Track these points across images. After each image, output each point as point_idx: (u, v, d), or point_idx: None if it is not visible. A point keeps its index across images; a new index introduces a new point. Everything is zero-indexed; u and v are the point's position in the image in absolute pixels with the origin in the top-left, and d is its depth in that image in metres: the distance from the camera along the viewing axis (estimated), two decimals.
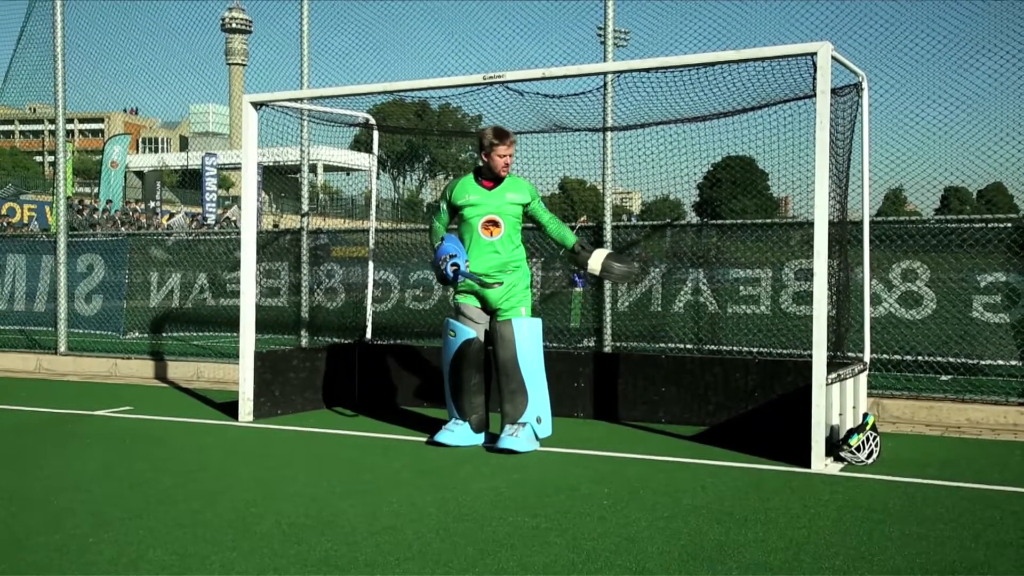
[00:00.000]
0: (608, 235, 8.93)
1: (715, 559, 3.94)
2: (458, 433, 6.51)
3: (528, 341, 6.42)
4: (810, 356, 5.87)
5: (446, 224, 6.74)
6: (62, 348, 11.31)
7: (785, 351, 8.25)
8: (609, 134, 8.78)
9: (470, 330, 6.53)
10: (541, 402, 6.44)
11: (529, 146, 8.95)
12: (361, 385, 8.48)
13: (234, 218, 34.22)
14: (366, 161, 9.68)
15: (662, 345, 8.85)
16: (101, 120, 72.54)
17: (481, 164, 6.60)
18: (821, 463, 5.73)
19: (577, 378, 7.66)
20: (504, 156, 6.44)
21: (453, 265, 6.35)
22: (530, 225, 6.82)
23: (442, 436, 6.51)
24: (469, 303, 6.56)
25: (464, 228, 6.55)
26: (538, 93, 7.33)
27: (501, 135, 6.48)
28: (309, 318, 10.35)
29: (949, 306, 8.00)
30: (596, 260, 6.55)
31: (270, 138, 8.95)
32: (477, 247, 6.47)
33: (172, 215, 38.33)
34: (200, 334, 11.56)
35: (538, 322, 6.56)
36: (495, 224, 6.44)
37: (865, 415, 6.14)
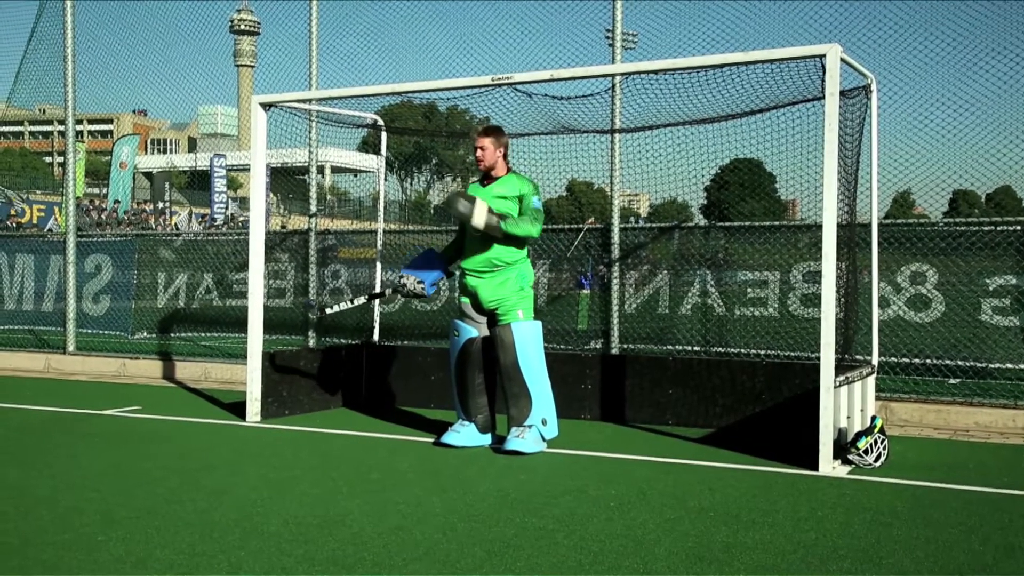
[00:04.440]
0: (616, 237, 8.93)
1: (722, 561, 3.94)
2: (464, 434, 6.52)
3: (528, 345, 6.40)
4: (818, 359, 5.87)
5: None
6: (70, 348, 11.34)
7: (793, 354, 8.24)
8: (617, 136, 8.77)
9: (472, 329, 6.55)
10: (545, 404, 6.43)
11: (537, 148, 8.95)
12: (368, 386, 8.49)
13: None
14: (374, 162, 9.71)
15: (669, 347, 8.84)
16: (110, 121, 72.80)
17: None
18: (829, 466, 5.71)
19: (584, 380, 7.66)
20: (475, 149, 6.53)
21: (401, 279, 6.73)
22: (548, 227, 6.78)
23: (448, 437, 6.52)
24: (466, 302, 6.60)
25: (463, 227, 6.60)
26: (546, 95, 7.34)
27: (476, 130, 6.63)
28: (316, 319, 10.36)
29: (958, 309, 7.98)
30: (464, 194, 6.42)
31: (278, 139, 8.98)
32: (468, 241, 6.51)
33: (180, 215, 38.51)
34: (208, 334, 11.58)
35: (537, 325, 6.52)
36: None
37: (873, 418, 6.12)
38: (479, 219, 6.25)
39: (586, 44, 9.67)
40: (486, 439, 6.58)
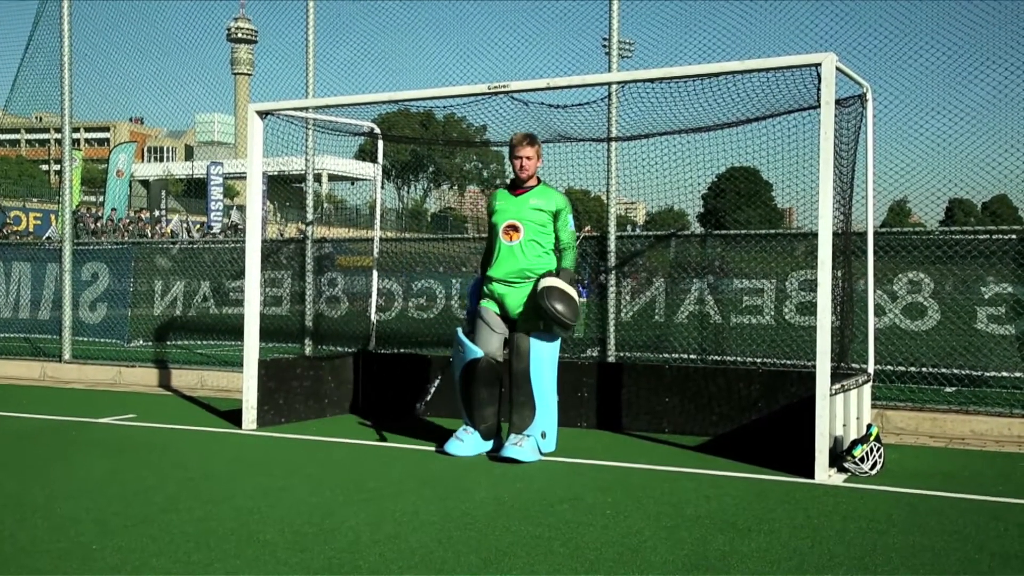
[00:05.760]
0: (612, 245, 8.94)
1: (718, 569, 3.94)
2: (467, 443, 6.50)
3: (543, 357, 6.40)
4: (814, 367, 5.87)
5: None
6: (66, 356, 11.33)
7: (789, 362, 8.25)
8: (613, 144, 8.79)
9: (477, 350, 6.49)
10: (548, 418, 6.42)
11: None
12: (364, 394, 8.48)
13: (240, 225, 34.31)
14: (371, 171, 9.74)
15: (666, 355, 8.85)
16: (107, 129, 72.75)
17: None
18: (825, 474, 5.72)
19: (581, 388, 7.66)
20: (519, 158, 6.47)
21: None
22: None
23: (451, 446, 6.49)
24: (490, 308, 6.56)
25: (492, 235, 6.58)
26: (543, 103, 7.35)
27: (519, 138, 6.55)
28: (313, 327, 10.36)
29: (954, 317, 8.00)
30: (544, 282, 6.32)
31: (275, 147, 9.00)
32: (499, 252, 6.49)
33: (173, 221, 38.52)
34: (204, 342, 11.58)
35: (556, 339, 6.52)
36: (515, 229, 6.46)
37: (869, 426, 6.13)
38: (569, 290, 6.32)
39: (582, 52, 9.68)
40: (488, 445, 6.57)
